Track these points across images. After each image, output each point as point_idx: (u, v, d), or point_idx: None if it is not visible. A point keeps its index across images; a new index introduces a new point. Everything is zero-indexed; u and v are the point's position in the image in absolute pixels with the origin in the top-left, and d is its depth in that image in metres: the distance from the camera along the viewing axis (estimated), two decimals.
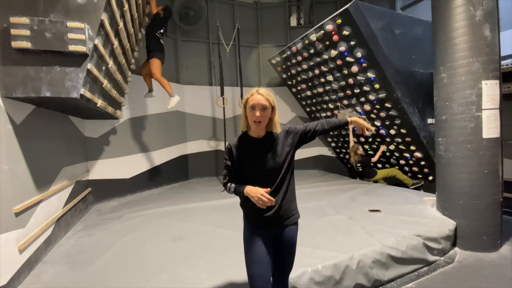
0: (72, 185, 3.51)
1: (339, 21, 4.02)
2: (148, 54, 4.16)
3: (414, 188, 4.83)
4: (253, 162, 1.53)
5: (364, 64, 4.19)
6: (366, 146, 5.39)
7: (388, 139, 4.85)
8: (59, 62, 2.18)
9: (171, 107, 4.29)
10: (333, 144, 6.53)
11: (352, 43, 4.11)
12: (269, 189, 1.46)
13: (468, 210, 2.87)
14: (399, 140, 4.64)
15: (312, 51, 4.82)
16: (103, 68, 2.76)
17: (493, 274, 2.45)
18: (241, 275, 2.07)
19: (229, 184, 1.58)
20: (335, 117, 5.58)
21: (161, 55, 4.16)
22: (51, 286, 2.13)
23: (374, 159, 5.07)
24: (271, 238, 1.58)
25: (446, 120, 3.01)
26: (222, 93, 5.49)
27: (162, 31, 4.18)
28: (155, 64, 4.11)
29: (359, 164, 5.18)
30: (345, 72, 4.54)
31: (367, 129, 1.73)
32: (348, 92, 4.81)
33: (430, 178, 4.60)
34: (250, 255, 1.58)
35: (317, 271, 2.09)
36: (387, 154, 5.10)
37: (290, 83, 6.12)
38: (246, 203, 1.55)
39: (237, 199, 1.65)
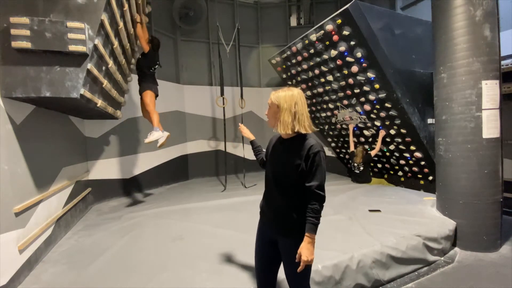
0: (72, 185, 3.51)
1: (339, 21, 4.02)
2: (141, 87, 3.84)
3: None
4: (270, 161, 1.64)
5: (364, 64, 4.19)
6: (366, 146, 5.38)
7: (388, 139, 4.84)
8: (59, 62, 2.18)
9: (150, 141, 3.59)
10: (333, 144, 6.52)
11: (352, 43, 4.11)
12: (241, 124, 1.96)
13: (468, 210, 2.87)
14: (399, 140, 4.63)
15: (312, 51, 4.81)
16: (103, 68, 2.76)
17: (493, 274, 2.45)
18: (241, 275, 2.07)
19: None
20: (335, 117, 5.66)
21: (155, 88, 3.86)
22: (51, 286, 2.13)
23: (375, 151, 4.97)
24: (271, 237, 1.61)
25: (446, 120, 3.01)
26: (222, 93, 5.49)
27: (156, 66, 3.90)
28: (149, 95, 3.77)
29: (361, 164, 5.16)
30: (345, 72, 4.54)
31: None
32: (348, 92, 4.81)
33: (430, 178, 4.59)
34: (255, 244, 1.71)
35: (317, 271, 2.09)
36: (387, 154, 5.09)
37: (290, 83, 6.11)
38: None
39: (236, 199, 1.67)
